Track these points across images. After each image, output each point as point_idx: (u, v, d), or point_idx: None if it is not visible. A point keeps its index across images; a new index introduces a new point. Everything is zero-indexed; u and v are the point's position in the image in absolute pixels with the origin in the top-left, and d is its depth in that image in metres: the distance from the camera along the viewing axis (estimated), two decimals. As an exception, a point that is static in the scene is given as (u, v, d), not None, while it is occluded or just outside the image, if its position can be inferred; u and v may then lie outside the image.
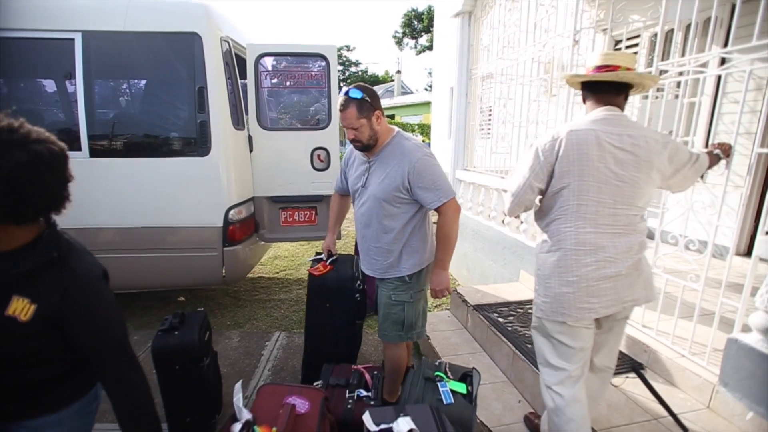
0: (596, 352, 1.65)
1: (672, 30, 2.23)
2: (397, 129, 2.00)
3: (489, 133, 4.63)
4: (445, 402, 1.50)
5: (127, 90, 3.22)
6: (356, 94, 1.81)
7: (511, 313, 2.90)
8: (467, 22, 4.53)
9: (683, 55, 2.20)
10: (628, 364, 2.24)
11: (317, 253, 2.44)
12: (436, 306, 3.92)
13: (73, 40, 2.83)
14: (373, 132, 1.87)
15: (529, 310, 2.93)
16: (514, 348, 2.42)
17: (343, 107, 1.82)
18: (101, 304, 1.03)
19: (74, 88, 2.88)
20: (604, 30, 3.47)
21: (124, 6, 2.89)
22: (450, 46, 8.76)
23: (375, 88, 29.79)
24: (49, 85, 3.27)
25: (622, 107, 1.53)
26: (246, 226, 3.23)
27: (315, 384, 1.93)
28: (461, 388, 1.59)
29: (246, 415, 1.23)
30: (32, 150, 0.89)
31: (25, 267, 0.92)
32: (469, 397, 1.57)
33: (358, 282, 2.33)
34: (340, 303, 2.33)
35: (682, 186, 1.62)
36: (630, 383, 2.12)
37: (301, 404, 1.28)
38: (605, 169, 1.42)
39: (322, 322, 2.37)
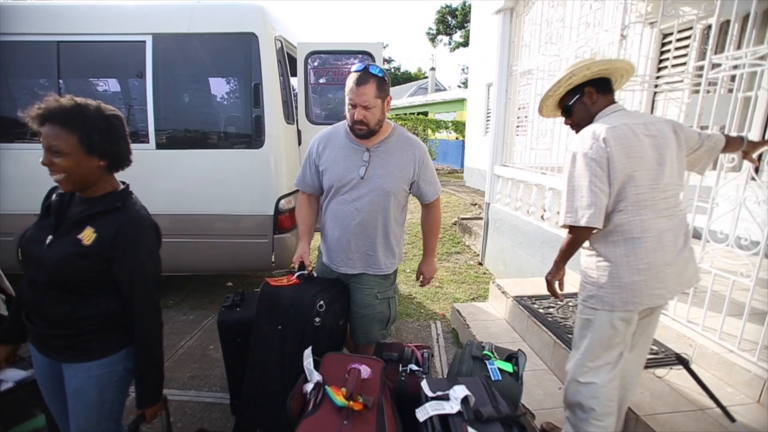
0: (636, 339, 1.69)
1: (727, 21, 2.20)
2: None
3: (524, 130, 4.64)
4: (493, 378, 1.59)
5: (189, 87, 3.46)
6: (377, 71, 1.67)
7: (551, 305, 2.93)
8: (508, 19, 4.55)
9: (739, 47, 2.18)
10: (674, 357, 2.24)
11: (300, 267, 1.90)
12: (472, 299, 4.00)
13: (144, 42, 3.09)
14: (383, 117, 1.76)
15: (570, 303, 2.96)
16: (555, 337, 2.47)
17: (362, 82, 1.64)
18: (141, 246, 1.29)
19: (144, 87, 3.14)
20: (652, 24, 3.43)
21: (189, 9, 3.12)
22: (488, 43, 8.72)
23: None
24: (122, 84, 3.55)
25: None
26: (294, 216, 3.41)
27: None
28: (508, 367, 1.67)
29: (316, 376, 1.37)
30: (112, 115, 1.29)
31: (97, 209, 1.27)
32: (515, 376, 1.65)
33: (320, 303, 1.70)
34: (293, 327, 1.70)
35: (696, 166, 1.70)
36: (674, 375, 2.13)
37: (365, 370, 1.41)
38: (648, 156, 1.50)
39: (268, 349, 1.76)
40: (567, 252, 1.65)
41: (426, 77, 29.25)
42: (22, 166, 3.25)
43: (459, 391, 1.32)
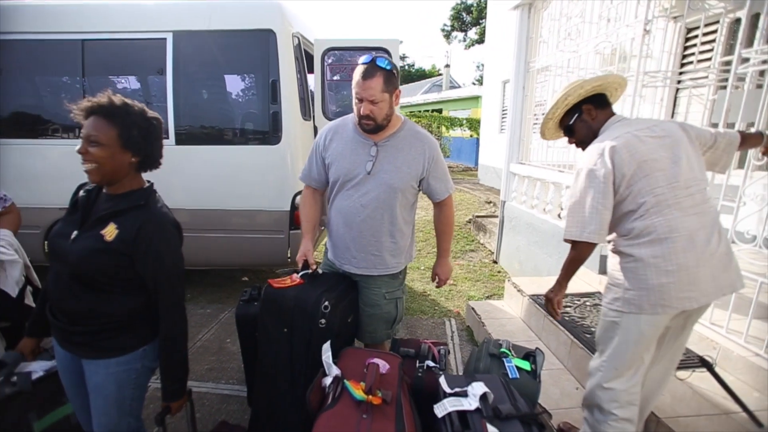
0: (667, 347, 1.65)
1: (757, 15, 2.13)
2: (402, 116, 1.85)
3: (534, 127, 4.58)
4: (510, 376, 1.58)
5: (208, 83, 3.50)
6: (385, 63, 1.60)
7: (568, 304, 2.90)
8: (526, 14, 4.48)
9: (769, 42, 2.11)
10: (697, 359, 2.19)
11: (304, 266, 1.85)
12: (487, 297, 3.98)
13: (165, 39, 3.14)
14: (391, 112, 1.69)
15: (587, 302, 2.92)
16: (572, 337, 2.44)
17: (368, 75, 1.58)
18: (163, 242, 1.31)
19: (164, 83, 3.19)
20: (676, 18, 3.35)
21: (209, 7, 3.16)
22: (504, 39, 8.63)
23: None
24: (143, 81, 3.62)
25: None
26: (310, 212, 3.44)
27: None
28: (525, 365, 1.65)
29: (335, 370, 1.38)
30: (153, 118, 1.33)
31: (121, 206, 1.29)
32: (533, 374, 1.64)
33: (326, 304, 1.63)
34: (300, 329, 1.64)
35: (717, 165, 1.67)
36: (696, 377, 2.08)
37: (383, 365, 1.41)
38: (659, 157, 1.48)
39: (275, 352, 1.71)
40: (570, 269, 1.66)
41: (440, 74, 29.07)
42: (48, 162, 3.34)
43: (477, 388, 1.31)
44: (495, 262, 5.03)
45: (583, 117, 1.67)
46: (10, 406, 1.37)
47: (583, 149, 1.68)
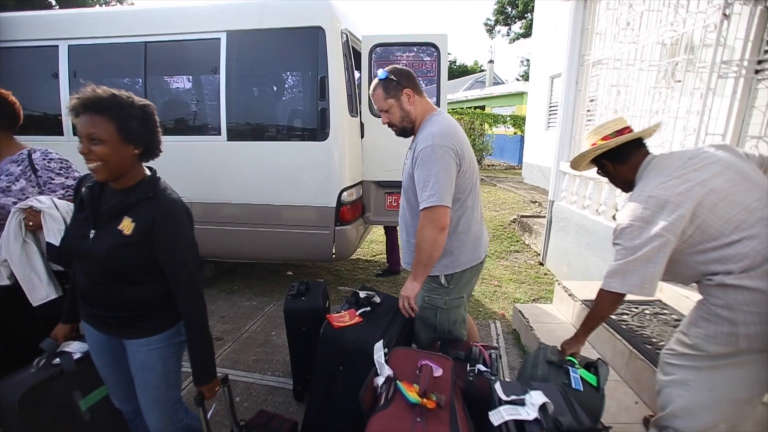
0: None
1: None
2: (437, 110, 1.82)
3: (594, 124, 4.34)
4: (573, 387, 1.49)
5: (259, 81, 3.59)
6: (382, 74, 1.73)
7: (625, 311, 2.73)
8: (582, 5, 4.26)
9: None
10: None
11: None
12: (533, 300, 3.83)
13: (219, 39, 3.25)
14: (405, 113, 1.73)
15: (646, 311, 2.73)
16: (630, 346, 2.29)
17: (372, 90, 1.76)
18: (177, 230, 1.32)
19: (217, 81, 3.30)
20: (756, 0, 3.05)
21: (260, 6, 3.22)
22: (554, 32, 8.28)
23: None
24: (197, 80, 3.77)
25: None
26: (355, 208, 3.45)
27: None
28: (591, 378, 1.55)
29: (387, 371, 1.36)
30: (146, 105, 1.31)
31: (133, 199, 1.30)
32: (596, 387, 1.54)
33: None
34: (356, 369, 1.63)
35: None
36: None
37: (436, 368, 1.37)
38: (717, 187, 1.35)
39: (327, 386, 1.77)
40: (594, 324, 1.60)
41: (483, 70, 28.43)
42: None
43: (536, 397, 1.24)
44: (541, 264, 4.84)
45: (607, 170, 1.64)
46: (56, 386, 1.45)
47: (622, 189, 1.67)
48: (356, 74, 3.62)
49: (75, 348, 1.54)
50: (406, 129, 1.78)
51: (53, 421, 1.43)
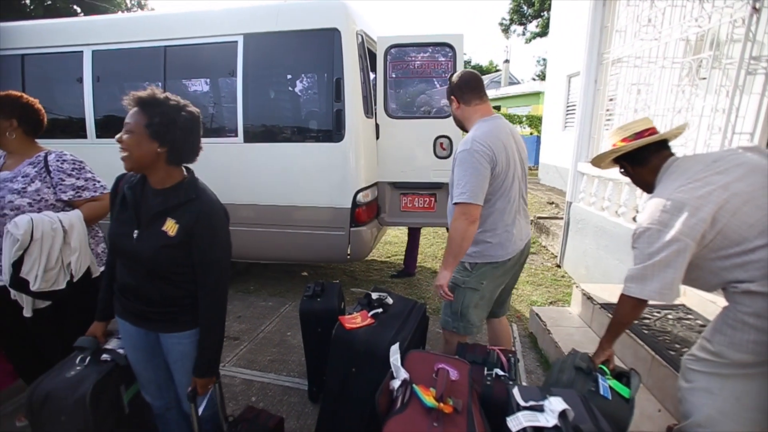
0: None
1: None
2: (489, 116, 1.93)
3: (613, 124, 4.24)
4: (601, 393, 1.45)
5: (275, 83, 3.62)
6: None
7: (647, 316, 2.65)
8: (601, 3, 4.17)
9: None
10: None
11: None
12: (550, 302, 3.77)
13: (236, 42, 3.29)
14: (455, 116, 1.98)
15: (669, 315, 2.65)
16: (653, 352, 2.23)
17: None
18: (216, 231, 1.37)
19: (234, 83, 3.34)
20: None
21: (276, 8, 3.26)
22: (571, 30, 8.14)
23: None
24: (215, 82, 3.83)
25: None
26: (371, 209, 3.45)
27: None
28: (624, 391, 1.50)
29: (404, 374, 1.35)
30: (190, 110, 1.34)
31: (175, 201, 1.34)
32: (626, 398, 1.50)
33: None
34: (369, 371, 1.68)
35: None
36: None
37: (452, 372, 1.36)
38: (746, 185, 1.31)
39: (341, 389, 1.80)
40: (621, 327, 1.56)
41: (498, 70, 28.16)
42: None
43: (556, 404, 1.21)
44: (558, 266, 4.76)
45: (627, 171, 1.65)
46: (110, 381, 1.49)
47: (643, 189, 1.66)
48: (371, 75, 3.62)
49: (114, 345, 1.58)
50: (462, 129, 1.99)
51: (107, 414, 1.48)
